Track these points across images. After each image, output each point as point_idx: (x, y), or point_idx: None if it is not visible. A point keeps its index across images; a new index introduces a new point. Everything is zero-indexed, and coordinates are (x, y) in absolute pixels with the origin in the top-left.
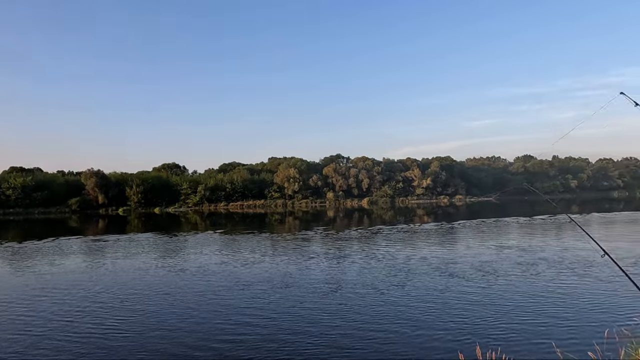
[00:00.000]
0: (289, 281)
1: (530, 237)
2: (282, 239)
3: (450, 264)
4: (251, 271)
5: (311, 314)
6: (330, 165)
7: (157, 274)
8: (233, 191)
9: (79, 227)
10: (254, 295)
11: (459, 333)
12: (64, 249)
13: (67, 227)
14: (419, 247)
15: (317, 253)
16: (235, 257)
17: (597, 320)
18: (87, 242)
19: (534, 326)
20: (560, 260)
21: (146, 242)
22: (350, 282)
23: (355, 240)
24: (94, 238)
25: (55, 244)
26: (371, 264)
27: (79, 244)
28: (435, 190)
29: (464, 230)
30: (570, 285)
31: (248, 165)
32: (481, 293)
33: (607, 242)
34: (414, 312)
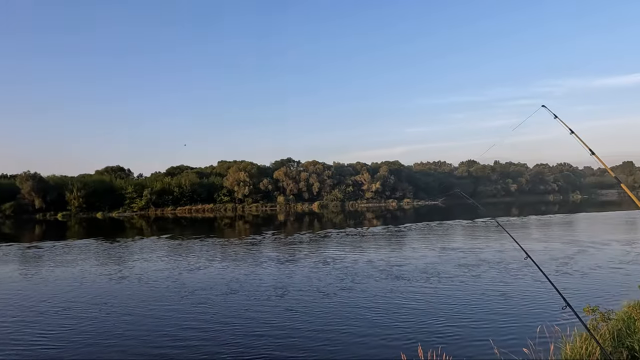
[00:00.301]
0: (235, 287)
1: (471, 240)
2: (231, 243)
3: (396, 266)
4: (196, 277)
5: (256, 320)
6: (281, 169)
7: (96, 282)
8: (181, 195)
9: (13, 234)
10: (198, 302)
11: (403, 334)
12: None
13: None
14: (367, 250)
15: (266, 258)
16: (181, 262)
17: (531, 317)
18: (21, 249)
19: (473, 325)
20: (498, 262)
21: (86, 249)
22: (297, 287)
23: (304, 244)
24: (29, 245)
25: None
26: (319, 268)
27: (13, 251)
28: (384, 194)
29: (410, 233)
30: (506, 285)
31: (197, 169)
32: (424, 295)
33: (544, 242)
34: (359, 315)
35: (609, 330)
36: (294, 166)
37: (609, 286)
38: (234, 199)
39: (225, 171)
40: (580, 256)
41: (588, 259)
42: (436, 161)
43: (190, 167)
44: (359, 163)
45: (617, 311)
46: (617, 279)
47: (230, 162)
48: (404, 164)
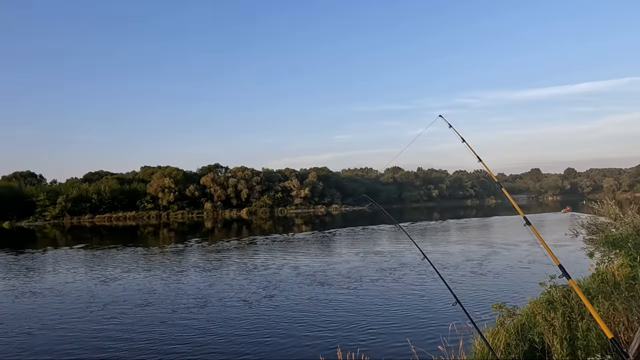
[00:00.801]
0: (152, 298)
1: (391, 244)
2: (153, 252)
3: (319, 272)
4: (111, 289)
5: (174, 332)
6: (208, 175)
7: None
8: (100, 202)
9: None
10: (110, 316)
11: (323, 338)
12: None
13: None
14: (293, 256)
15: (189, 266)
16: (96, 274)
17: (446, 317)
18: None
19: (391, 326)
20: (415, 265)
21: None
22: (219, 296)
23: (230, 251)
24: None
25: None
26: (243, 276)
27: None
28: (312, 200)
29: (336, 239)
30: (422, 287)
31: (118, 175)
32: (345, 299)
33: (461, 245)
34: (281, 322)
35: (514, 324)
36: (222, 172)
37: (517, 284)
38: (158, 206)
39: (148, 177)
40: (493, 257)
41: (499, 260)
42: (363, 167)
43: (110, 172)
44: (288, 169)
45: (522, 307)
46: (525, 277)
47: (154, 167)
48: (332, 170)
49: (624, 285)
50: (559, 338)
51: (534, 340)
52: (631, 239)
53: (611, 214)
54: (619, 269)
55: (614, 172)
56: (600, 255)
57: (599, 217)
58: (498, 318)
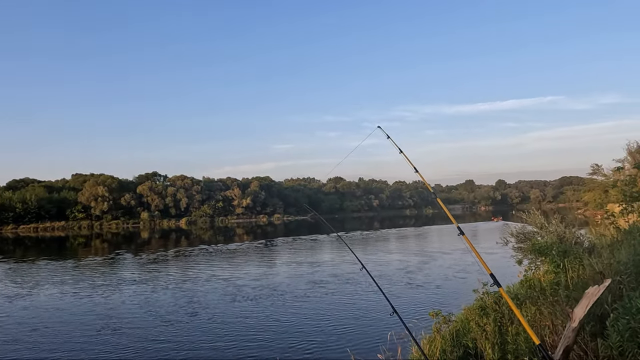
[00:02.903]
0: (68, 315)
1: (330, 254)
2: (79, 265)
3: (257, 284)
4: (27, 305)
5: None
6: (145, 184)
7: None
8: (25, 212)
9: None
10: (18, 337)
11: (263, 351)
12: None
13: None
14: (230, 268)
15: (118, 280)
16: (12, 289)
17: (384, 325)
18: None
19: (331, 336)
20: (353, 275)
21: None
22: (146, 311)
23: (165, 263)
24: None
25: None
26: (175, 289)
27: None
28: (255, 210)
29: (276, 249)
30: (361, 297)
31: (46, 182)
32: (283, 311)
33: (399, 254)
34: (215, 338)
35: (450, 331)
36: (160, 180)
37: (453, 292)
38: (90, 216)
39: (80, 185)
40: (429, 266)
41: (435, 268)
42: (306, 177)
43: (37, 180)
44: (229, 178)
45: (457, 314)
46: (460, 285)
47: (86, 175)
48: (274, 180)
49: (549, 290)
50: (491, 343)
51: (467, 346)
52: (555, 247)
53: (537, 223)
54: (544, 275)
55: (539, 184)
56: (528, 263)
57: (527, 226)
58: (435, 325)
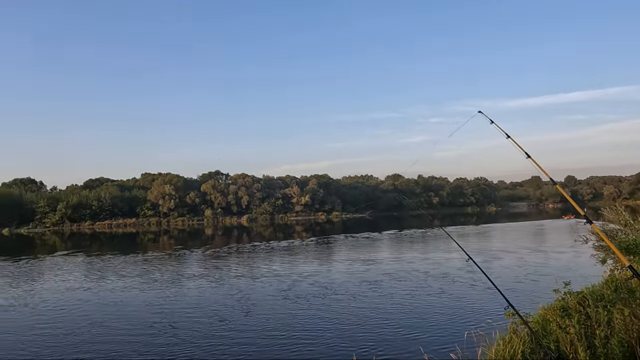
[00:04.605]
0: (149, 305)
1: (397, 251)
2: (152, 259)
3: (327, 278)
4: (107, 297)
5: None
6: (208, 182)
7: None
8: (100, 209)
9: None
10: (104, 324)
11: (338, 345)
12: None
13: None
14: (297, 263)
15: (187, 274)
16: (92, 282)
17: (459, 322)
18: None
19: (404, 334)
20: (425, 271)
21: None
22: (224, 303)
23: (230, 258)
24: None
25: None
26: (248, 283)
27: None
28: (313, 207)
29: (339, 245)
30: (435, 294)
31: (118, 182)
32: (356, 305)
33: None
34: (291, 330)
35: (528, 332)
36: (222, 179)
37: (529, 291)
38: (158, 213)
39: (149, 184)
40: (497, 263)
41: (504, 266)
42: (364, 175)
43: (110, 179)
44: (288, 176)
45: (534, 314)
46: (533, 284)
47: (154, 174)
48: (332, 178)
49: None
50: (579, 346)
51: (549, 348)
52: None
53: (621, 221)
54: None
55: (614, 179)
56: (613, 262)
57: (608, 223)
58: (511, 326)
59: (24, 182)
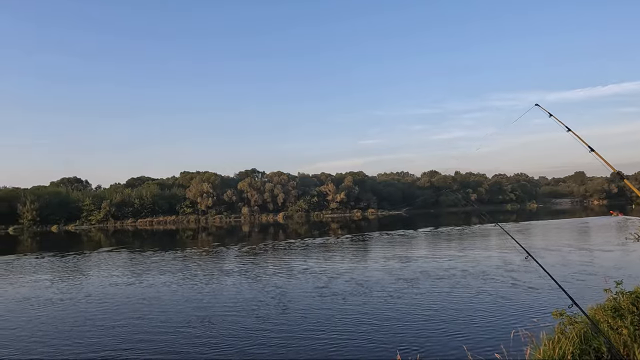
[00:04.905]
0: (192, 300)
1: (437, 248)
2: (193, 255)
3: (367, 275)
4: (151, 291)
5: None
6: (245, 180)
7: (40, 297)
8: (142, 207)
9: None
10: (145, 317)
11: (380, 342)
12: None
13: None
14: (336, 260)
15: (227, 270)
16: (135, 277)
17: (503, 322)
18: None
19: (448, 332)
20: (468, 268)
21: (36, 263)
22: (265, 299)
23: (269, 254)
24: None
25: None
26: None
27: None
28: (349, 204)
29: (377, 243)
30: (479, 292)
31: (158, 180)
32: (398, 303)
33: (500, 250)
34: (333, 325)
35: (577, 332)
36: (259, 177)
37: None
38: (196, 211)
39: (187, 182)
40: (543, 262)
41: (549, 265)
42: (399, 172)
43: (151, 178)
44: (323, 174)
45: (581, 315)
46: (582, 283)
47: (193, 172)
48: (367, 175)
49: None
50: (635, 347)
51: (599, 350)
52: None
53: None
54: None
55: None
56: None
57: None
58: (558, 326)
59: (71, 181)
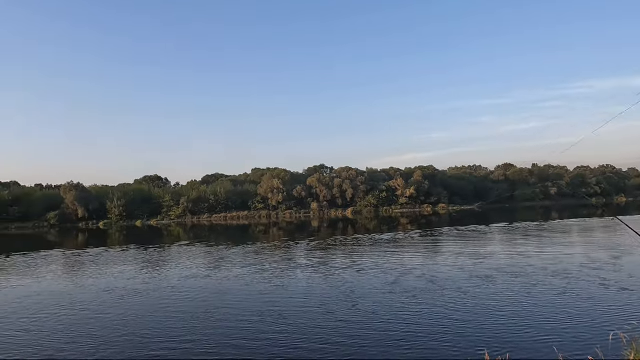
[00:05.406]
0: (272, 293)
1: (515, 243)
2: (265, 249)
3: (450, 272)
4: (227, 283)
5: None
6: (314, 176)
7: (129, 288)
8: (216, 203)
9: (58, 242)
10: (221, 307)
11: (469, 339)
12: (48, 263)
13: (45, 242)
14: (414, 256)
15: (299, 264)
16: (212, 269)
17: (598, 323)
18: (66, 256)
19: (538, 331)
20: (560, 267)
21: (125, 256)
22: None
23: (340, 249)
24: (72, 252)
25: (31, 258)
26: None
27: (58, 259)
28: (418, 199)
29: (453, 239)
30: (572, 291)
31: (231, 177)
32: (487, 300)
33: (584, 246)
34: (422, 321)
35: None
36: (327, 173)
37: None
38: (268, 206)
39: (259, 179)
40: (627, 259)
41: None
42: (471, 165)
43: (224, 175)
44: (392, 168)
45: None
46: None
47: (263, 169)
48: (438, 169)
49: None
50: None
51: None
52: None
53: None
54: None
55: None
56: None
57: None
58: None
59: (152, 179)
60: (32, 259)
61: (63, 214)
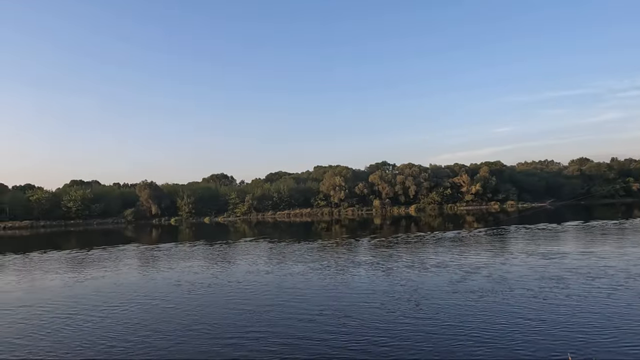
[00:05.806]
0: (334, 289)
1: (591, 243)
2: (328, 246)
3: (528, 272)
4: (290, 279)
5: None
6: (376, 173)
7: (201, 284)
8: (280, 200)
9: (135, 237)
10: (283, 303)
11: (551, 343)
12: (125, 257)
13: (123, 237)
14: (469, 255)
15: (363, 262)
16: (280, 265)
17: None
18: (141, 250)
19: (625, 336)
20: (626, 267)
21: (192, 251)
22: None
23: (403, 247)
24: (147, 247)
25: (118, 251)
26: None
27: (134, 253)
28: (485, 196)
29: (514, 237)
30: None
31: (294, 175)
32: (569, 303)
33: None
34: (474, 322)
35: None
36: (389, 169)
37: None
38: (330, 204)
39: (321, 176)
40: None
41: None
42: (542, 160)
43: (287, 172)
44: (456, 164)
45: None
46: None
47: (325, 167)
48: (506, 164)
49: None
50: None
51: None
52: None
53: None
54: None
55: None
56: None
57: None
58: None
59: (219, 177)
60: (110, 252)
61: (138, 210)
